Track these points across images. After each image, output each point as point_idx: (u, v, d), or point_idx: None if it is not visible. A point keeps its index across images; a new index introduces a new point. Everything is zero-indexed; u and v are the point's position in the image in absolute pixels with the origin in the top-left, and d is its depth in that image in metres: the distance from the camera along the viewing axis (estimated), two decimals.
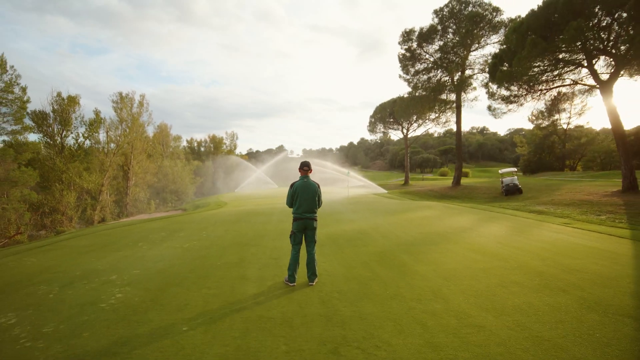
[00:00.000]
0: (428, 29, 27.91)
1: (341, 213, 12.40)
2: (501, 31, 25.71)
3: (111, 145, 35.14)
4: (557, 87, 19.50)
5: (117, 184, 36.59)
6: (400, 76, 31.35)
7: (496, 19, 26.00)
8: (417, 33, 28.59)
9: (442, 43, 27.95)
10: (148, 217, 19.24)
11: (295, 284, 4.42)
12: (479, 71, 28.63)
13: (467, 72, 28.85)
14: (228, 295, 4.13)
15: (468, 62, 28.49)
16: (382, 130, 47.63)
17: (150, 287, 4.50)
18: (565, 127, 44.82)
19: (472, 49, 27.83)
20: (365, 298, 3.90)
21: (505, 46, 18.98)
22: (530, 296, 3.83)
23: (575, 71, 17.74)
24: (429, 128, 43.10)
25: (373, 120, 46.95)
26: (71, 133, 32.11)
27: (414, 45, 29.03)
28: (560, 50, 15.77)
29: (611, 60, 15.83)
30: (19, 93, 22.39)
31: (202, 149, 65.78)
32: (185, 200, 44.53)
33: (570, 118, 43.93)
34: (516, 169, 24.64)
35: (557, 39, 15.23)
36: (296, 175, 4.84)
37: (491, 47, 27.76)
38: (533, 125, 46.64)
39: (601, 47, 15.51)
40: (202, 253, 6.55)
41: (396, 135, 49.13)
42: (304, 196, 4.49)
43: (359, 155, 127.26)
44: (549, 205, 14.02)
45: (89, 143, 33.73)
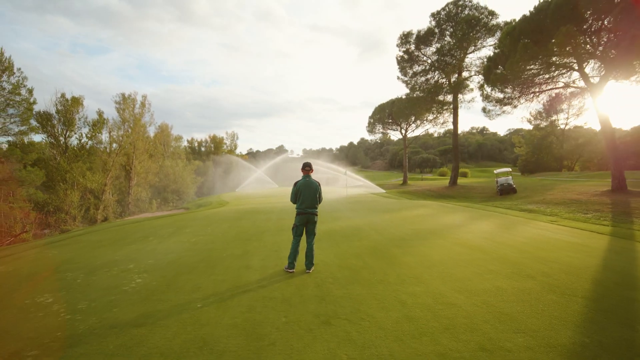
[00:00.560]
0: (425, 32, 28.46)
1: (339, 211, 12.86)
2: (497, 34, 26.26)
3: (114, 145, 35.80)
4: (550, 90, 20.04)
5: (120, 184, 37.23)
6: (398, 78, 31.96)
7: (492, 22, 26.58)
8: (415, 36, 29.15)
9: (439, 45, 28.48)
10: (152, 216, 19.78)
11: (294, 271, 4.96)
12: (476, 73, 29.19)
13: (464, 74, 29.40)
14: (235, 280, 4.67)
15: (465, 64, 29.04)
16: (381, 130, 48.17)
17: (165, 274, 5.05)
18: (563, 128, 45.33)
19: (469, 52, 28.38)
20: (355, 282, 4.44)
21: (499, 50, 19.50)
22: (501, 281, 4.35)
23: (566, 74, 18.27)
24: (428, 128, 43.63)
25: (372, 120, 47.50)
26: (75, 133, 32.78)
27: (412, 47, 29.58)
28: (551, 54, 16.28)
29: (601, 64, 16.35)
30: (26, 95, 22.94)
31: (203, 149, 66.27)
32: (186, 199, 45.07)
33: (568, 119, 44.45)
34: (511, 169, 25.16)
35: (549, 44, 15.76)
36: (296, 175, 5.40)
37: (487, 50, 28.44)
38: (532, 125, 47.15)
39: (591, 52, 16.03)
40: (209, 246, 7.09)
41: (395, 135, 49.70)
42: (306, 193, 5.03)
43: (359, 155, 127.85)
44: (540, 204, 14.52)
45: (91, 143, 34.34)
